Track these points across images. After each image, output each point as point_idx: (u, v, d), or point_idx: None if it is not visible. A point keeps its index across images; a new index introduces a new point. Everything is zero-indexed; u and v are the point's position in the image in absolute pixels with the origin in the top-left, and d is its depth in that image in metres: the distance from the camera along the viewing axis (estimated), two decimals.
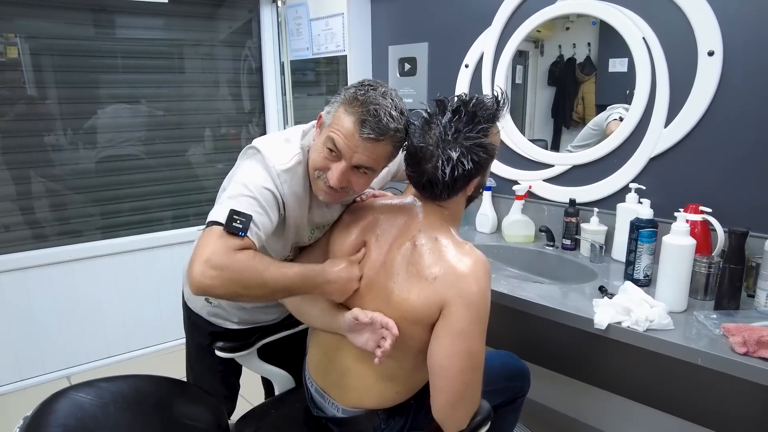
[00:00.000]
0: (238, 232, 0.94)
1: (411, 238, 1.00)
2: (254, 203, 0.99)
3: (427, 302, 0.93)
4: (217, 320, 1.34)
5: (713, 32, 1.40)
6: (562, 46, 1.85)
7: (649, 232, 1.38)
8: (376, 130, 0.97)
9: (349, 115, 0.98)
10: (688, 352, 1.10)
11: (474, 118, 0.97)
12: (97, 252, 2.42)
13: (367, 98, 0.98)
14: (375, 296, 1.02)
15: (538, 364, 1.89)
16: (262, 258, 0.98)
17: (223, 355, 1.28)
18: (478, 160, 0.97)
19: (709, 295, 1.32)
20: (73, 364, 2.43)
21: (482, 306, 0.92)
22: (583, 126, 1.84)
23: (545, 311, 1.32)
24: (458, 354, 0.92)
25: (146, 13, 2.44)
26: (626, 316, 1.20)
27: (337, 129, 0.99)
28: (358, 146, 0.98)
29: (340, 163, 1.01)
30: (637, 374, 1.66)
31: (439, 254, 0.96)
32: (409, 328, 0.97)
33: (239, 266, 0.92)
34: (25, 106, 2.24)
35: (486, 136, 0.98)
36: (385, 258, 1.02)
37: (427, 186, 1.00)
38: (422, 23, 2.15)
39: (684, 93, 1.48)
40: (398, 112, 1.00)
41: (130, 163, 2.51)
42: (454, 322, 0.91)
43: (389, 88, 1.03)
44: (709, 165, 1.48)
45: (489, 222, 1.96)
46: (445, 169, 0.95)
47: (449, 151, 0.95)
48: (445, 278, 0.92)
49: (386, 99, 0.99)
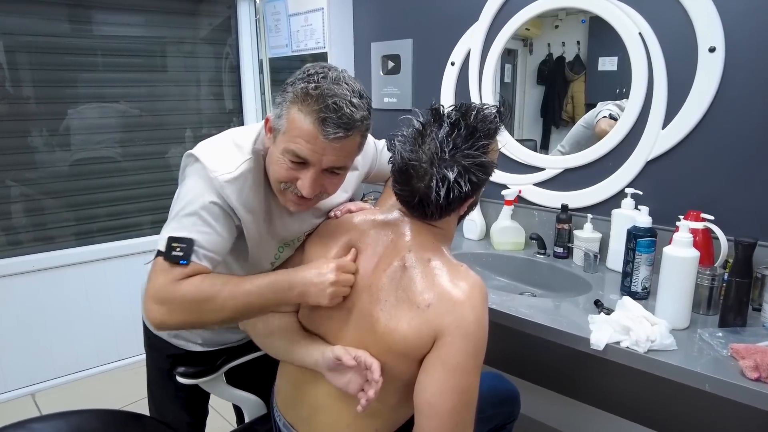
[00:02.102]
0: (179, 261, 0.87)
1: (400, 259, 0.88)
2: (197, 222, 0.91)
3: (420, 332, 0.82)
4: (179, 342, 1.21)
5: (715, 27, 1.31)
6: (551, 44, 1.79)
7: (648, 241, 1.28)
8: (342, 126, 0.86)
9: (305, 116, 0.86)
10: (694, 377, 1.00)
11: (474, 134, 0.86)
12: (64, 261, 2.29)
13: (321, 91, 0.85)
14: (358, 324, 0.90)
15: (529, 380, 1.80)
16: (216, 279, 0.89)
17: (186, 381, 1.17)
18: (476, 180, 0.87)
19: (712, 309, 1.23)
20: (38, 380, 2.29)
21: (480, 337, 0.82)
22: (573, 125, 1.77)
23: (537, 328, 1.22)
24: (451, 390, 0.80)
25: (124, 9, 2.34)
26: (625, 336, 1.10)
27: (297, 135, 0.87)
28: (325, 148, 0.87)
29: (309, 171, 0.90)
30: (637, 393, 1.56)
31: (432, 278, 0.85)
32: (396, 361, 0.85)
33: (186, 297, 0.86)
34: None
35: (485, 154, 0.88)
36: (370, 281, 0.90)
37: (417, 206, 0.89)
38: (406, 19, 2.05)
39: (683, 92, 1.39)
40: (358, 97, 0.88)
41: (106, 166, 2.40)
42: (449, 354, 0.80)
43: (339, 71, 0.91)
44: (711, 169, 1.38)
45: (477, 228, 1.86)
46: (440, 191, 0.85)
47: (445, 170, 0.84)
48: (439, 305, 0.81)
49: (341, 85, 0.87)
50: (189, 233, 0.90)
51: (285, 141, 0.89)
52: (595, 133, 1.67)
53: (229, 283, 0.89)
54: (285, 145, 0.89)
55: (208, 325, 0.94)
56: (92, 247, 2.37)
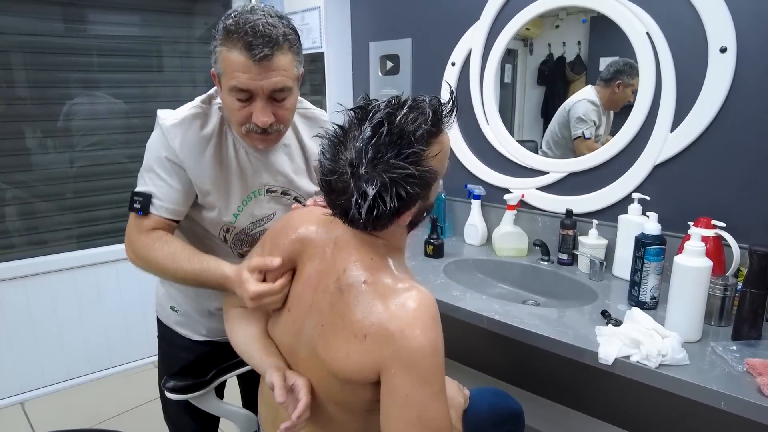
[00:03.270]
0: (138, 212, 1.02)
1: (336, 279, 0.79)
2: (152, 176, 1.03)
3: (360, 366, 0.74)
4: (184, 330, 1.24)
5: (726, 27, 1.26)
6: (551, 44, 1.75)
7: (657, 249, 1.23)
8: (265, 44, 0.91)
9: (231, 49, 0.92)
10: (708, 395, 0.95)
11: (401, 138, 0.70)
12: (57, 266, 2.23)
13: (238, 23, 0.92)
14: (304, 343, 0.84)
15: (533, 392, 1.75)
16: (165, 246, 1.01)
17: (174, 397, 1.11)
18: (406, 195, 0.72)
19: (724, 320, 1.18)
20: (28, 389, 2.23)
21: (428, 363, 0.71)
22: None
23: (543, 341, 1.17)
24: (410, 425, 0.71)
25: (118, 8, 2.29)
26: (635, 349, 1.05)
27: (233, 71, 0.93)
28: (260, 72, 0.93)
29: (257, 102, 0.96)
30: (647, 407, 1.51)
31: (369, 302, 0.74)
32: (343, 387, 0.79)
33: (143, 249, 1.02)
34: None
35: (419, 162, 0.72)
36: (313, 299, 0.83)
37: (345, 219, 0.78)
38: (405, 18, 2.00)
39: (693, 94, 1.34)
40: (276, 18, 0.95)
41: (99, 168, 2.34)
42: (397, 389, 0.71)
43: (256, 4, 0.99)
44: (722, 173, 1.33)
45: (478, 234, 1.81)
46: (361, 208, 0.72)
47: (364, 185, 0.71)
48: (377, 335, 0.72)
49: (256, 12, 0.94)
50: (146, 187, 1.03)
51: (226, 81, 0.95)
52: (573, 148, 1.68)
53: (173, 258, 0.99)
54: (227, 84, 0.95)
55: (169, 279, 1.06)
56: (83, 252, 2.31)
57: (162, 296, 1.26)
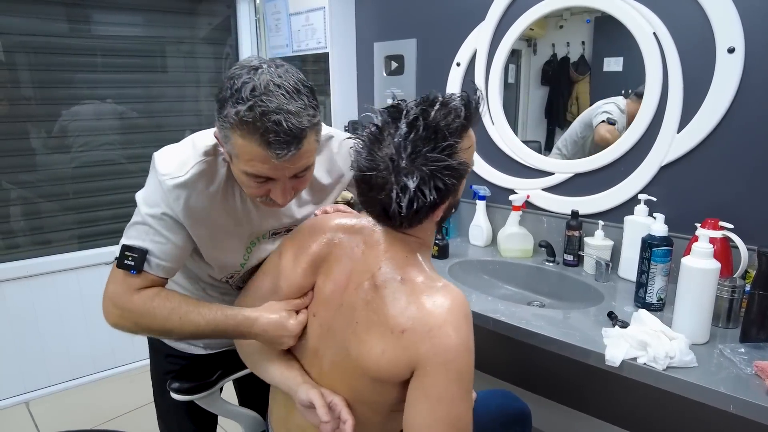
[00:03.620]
0: (131, 270, 0.88)
1: (370, 277, 0.80)
2: (149, 231, 0.90)
3: (395, 362, 0.75)
4: (181, 345, 1.18)
5: (734, 27, 1.25)
6: (555, 44, 1.75)
7: (664, 251, 1.23)
8: (290, 142, 0.79)
9: (250, 142, 0.79)
10: (717, 397, 0.94)
11: (437, 133, 0.74)
12: (61, 266, 2.23)
13: (255, 113, 0.76)
14: (331, 345, 0.85)
15: (539, 394, 1.74)
16: (166, 301, 0.89)
17: (180, 397, 1.11)
18: (444, 186, 0.76)
19: (732, 322, 1.17)
20: (32, 389, 2.23)
21: (463, 362, 0.73)
22: None
23: (549, 342, 1.16)
24: (438, 422, 0.73)
25: (122, 8, 2.29)
26: (642, 351, 1.05)
27: (250, 160, 0.81)
28: (284, 165, 0.82)
29: (277, 184, 0.87)
30: (653, 409, 1.50)
31: (406, 298, 0.76)
32: (374, 385, 0.80)
33: (137, 310, 0.88)
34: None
35: (454, 154, 0.76)
36: (342, 299, 0.84)
37: (382, 216, 0.81)
38: (410, 18, 1.99)
39: (700, 94, 1.33)
40: (296, 96, 0.80)
41: (103, 168, 2.34)
42: (431, 385, 0.73)
43: (265, 68, 0.80)
44: (729, 174, 1.33)
45: (483, 234, 1.80)
46: (402, 202, 0.74)
47: (405, 178, 0.74)
48: (415, 331, 0.73)
49: (273, 93, 0.78)
50: (143, 242, 0.89)
51: (242, 165, 0.83)
52: (595, 141, 1.62)
53: (179, 311, 0.88)
54: (243, 168, 0.83)
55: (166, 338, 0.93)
56: (87, 252, 2.31)
57: None
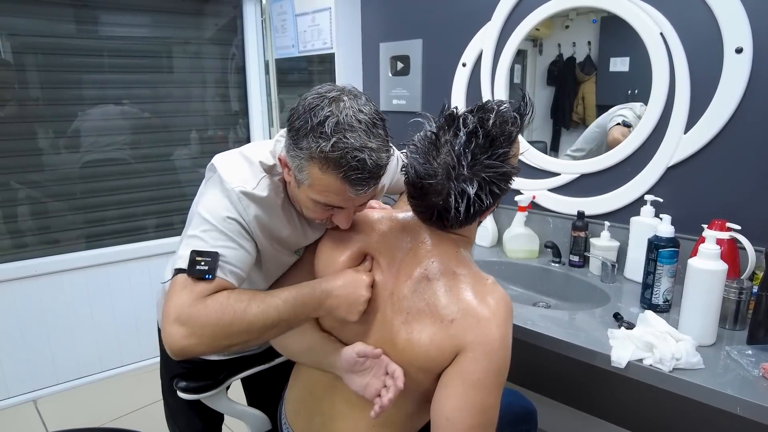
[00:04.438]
0: (205, 276, 0.82)
1: (423, 269, 0.85)
2: (219, 236, 0.86)
3: (442, 348, 0.79)
4: None
5: (742, 27, 1.25)
6: (561, 44, 1.75)
7: (670, 252, 1.23)
8: (371, 180, 0.82)
9: (330, 177, 0.80)
10: (724, 399, 0.94)
11: (494, 142, 0.78)
12: (66, 266, 2.25)
13: (340, 151, 0.77)
14: (378, 334, 0.88)
15: (545, 395, 1.74)
16: (241, 294, 0.84)
17: (187, 396, 1.12)
18: (498, 191, 0.81)
19: (739, 324, 1.17)
20: (40, 386, 2.25)
21: (503, 356, 0.79)
22: (584, 127, 1.73)
23: (555, 343, 1.16)
24: (470, 407, 0.77)
25: (129, 9, 2.30)
26: (648, 353, 1.05)
27: (324, 191, 0.82)
28: (356, 199, 0.85)
29: (343, 212, 0.89)
30: (659, 411, 1.50)
31: (457, 292, 0.81)
32: (416, 374, 0.84)
33: (212, 315, 0.80)
34: (4, 108, 2.08)
35: (506, 161, 0.80)
36: (392, 289, 0.87)
37: (436, 219, 0.84)
38: (416, 18, 1.99)
39: (707, 94, 1.33)
40: (375, 130, 0.80)
41: (111, 168, 2.36)
42: (470, 370, 0.77)
43: (346, 101, 0.81)
44: (736, 175, 1.32)
45: (489, 235, 1.80)
46: (460, 207, 0.78)
47: (464, 184, 0.78)
48: (463, 321, 0.79)
49: (356, 129, 0.78)
50: (213, 247, 0.85)
51: (313, 194, 0.84)
52: (608, 143, 1.62)
53: (256, 299, 0.84)
54: (314, 197, 0.85)
55: (236, 347, 0.87)
56: (94, 251, 2.33)
57: None
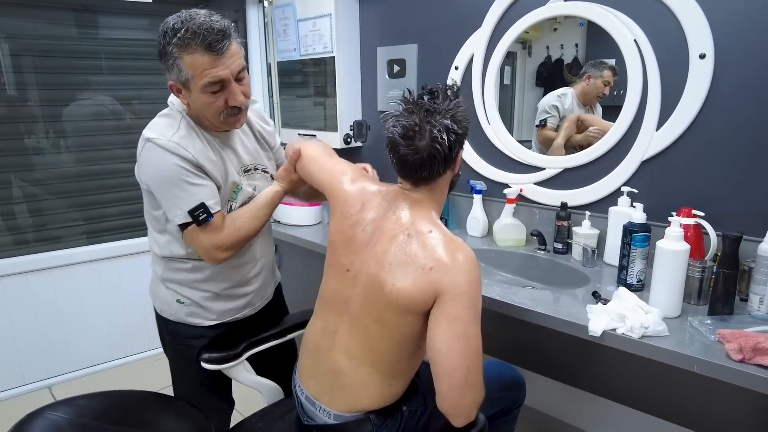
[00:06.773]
0: (207, 218, 1.14)
1: (405, 230, 1.04)
2: (188, 187, 1.12)
3: (423, 290, 0.97)
4: (196, 320, 1.31)
5: (704, 35, 1.39)
6: (549, 47, 1.84)
7: (642, 236, 1.37)
8: (222, 37, 1.07)
9: (195, 53, 1.06)
10: (683, 360, 1.08)
11: (447, 96, 1.03)
12: (79, 258, 2.36)
13: (189, 30, 1.04)
14: (367, 286, 1.04)
15: (532, 370, 1.87)
16: (238, 213, 1.22)
17: (210, 367, 1.24)
18: (463, 129, 1.04)
19: (702, 299, 1.31)
20: (54, 374, 2.37)
21: (474, 294, 0.97)
22: None
23: (538, 318, 1.30)
24: (456, 338, 0.94)
25: (130, 12, 2.38)
26: (621, 323, 1.18)
27: (203, 70, 1.07)
28: (224, 62, 1.08)
29: (230, 87, 1.12)
30: (633, 380, 1.64)
31: (433, 247, 1.00)
32: (401, 317, 1.01)
33: (233, 234, 1.19)
34: (4, 108, 2.17)
35: (458, 111, 1.04)
36: (377, 248, 1.04)
37: (426, 163, 1.02)
38: (411, 24, 2.12)
39: (676, 96, 1.47)
40: (217, 16, 1.09)
41: (113, 167, 2.45)
42: (449, 307, 0.95)
43: (187, 11, 1.09)
44: (702, 168, 1.47)
45: (480, 225, 1.94)
46: (443, 137, 0.99)
47: (443, 120, 1.00)
48: (440, 268, 0.97)
49: (199, 16, 1.06)
50: (196, 200, 1.13)
51: (198, 81, 1.08)
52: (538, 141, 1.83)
53: (249, 210, 1.24)
54: (200, 83, 1.09)
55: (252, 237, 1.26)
56: (105, 245, 2.44)
57: (164, 295, 1.32)
